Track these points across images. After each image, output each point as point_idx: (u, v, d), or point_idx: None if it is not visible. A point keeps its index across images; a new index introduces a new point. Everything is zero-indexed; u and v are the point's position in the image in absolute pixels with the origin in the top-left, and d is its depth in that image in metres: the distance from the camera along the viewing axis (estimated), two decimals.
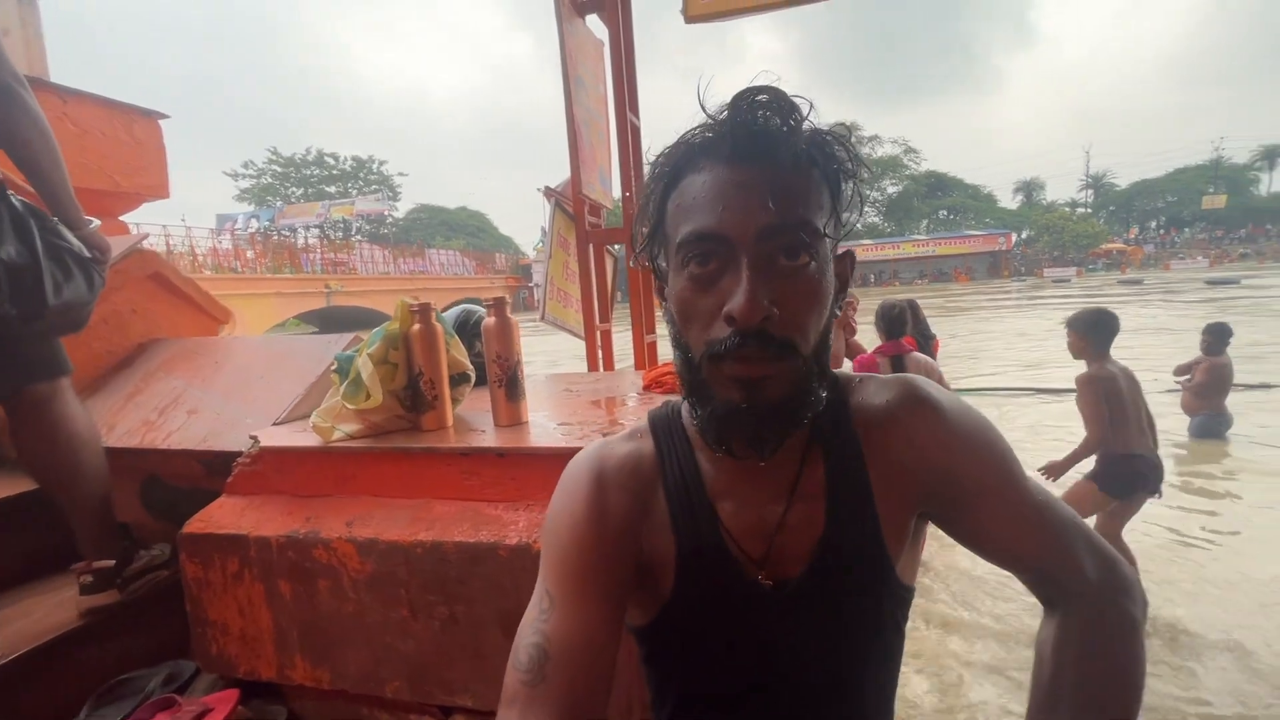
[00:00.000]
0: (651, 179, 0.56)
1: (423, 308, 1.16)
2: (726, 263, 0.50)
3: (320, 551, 1.08)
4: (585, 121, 2.84)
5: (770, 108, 0.50)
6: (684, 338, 0.54)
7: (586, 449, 0.66)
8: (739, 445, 0.54)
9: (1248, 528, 3.42)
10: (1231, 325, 4.94)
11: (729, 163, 0.50)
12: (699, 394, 0.54)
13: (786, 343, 0.50)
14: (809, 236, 0.50)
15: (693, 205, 0.51)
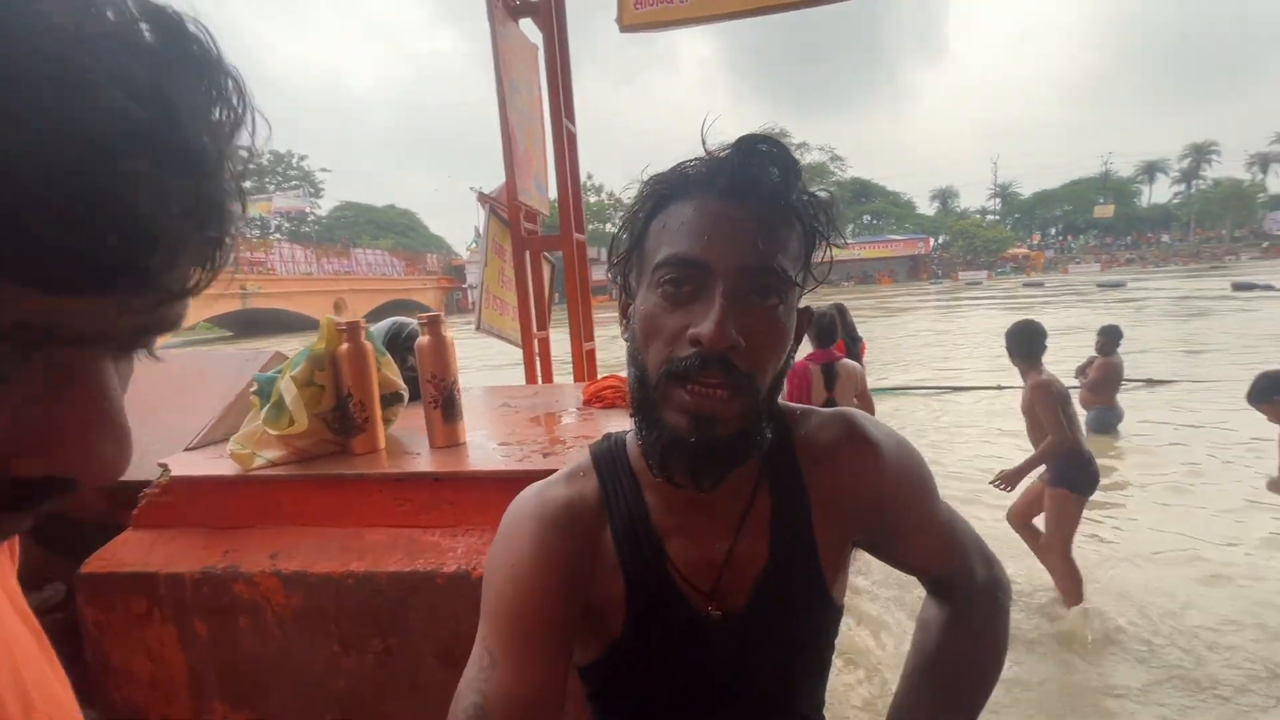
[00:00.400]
0: (639, 197, 0.57)
1: (351, 326, 1.11)
2: (700, 289, 0.52)
3: (241, 587, 1.02)
4: (520, 127, 2.80)
5: (770, 156, 0.53)
6: (642, 355, 0.55)
7: (526, 493, 0.64)
8: (680, 475, 0.55)
9: (1141, 509, 3.83)
10: (1120, 326, 5.43)
11: (721, 197, 0.52)
12: (647, 414, 0.55)
13: (746, 376, 0.51)
14: (782, 281, 0.52)
15: (679, 230, 0.53)
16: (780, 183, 0.53)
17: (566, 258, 2.83)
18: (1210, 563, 3.10)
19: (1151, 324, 13.20)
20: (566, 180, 2.84)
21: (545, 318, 3.14)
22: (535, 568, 0.58)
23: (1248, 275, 25.56)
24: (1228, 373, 7.58)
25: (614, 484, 0.62)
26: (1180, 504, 3.90)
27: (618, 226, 0.61)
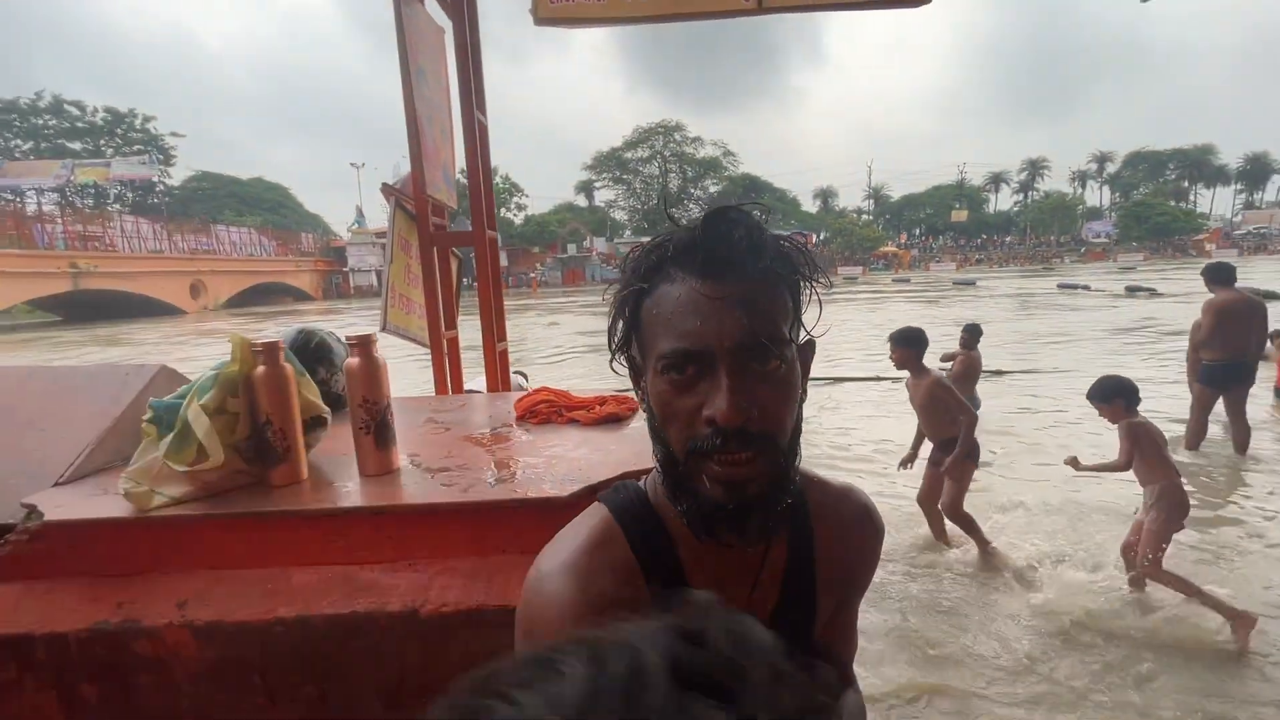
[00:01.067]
0: (626, 282, 0.58)
1: (268, 347, 1.01)
2: (703, 369, 0.54)
3: (142, 644, 0.90)
4: (428, 116, 2.65)
5: (739, 226, 0.54)
6: (664, 435, 0.57)
7: (548, 566, 0.60)
8: (726, 536, 0.57)
9: (993, 480, 4.50)
10: (980, 325, 6.16)
11: (701, 277, 0.54)
12: (683, 488, 0.57)
13: (765, 437, 0.54)
14: (777, 345, 0.54)
15: (670, 317, 0.54)
16: (753, 251, 0.54)
17: (479, 256, 2.73)
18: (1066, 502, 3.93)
19: (998, 320, 14.93)
20: (479, 175, 2.73)
21: (454, 317, 3.01)
22: None
23: (1070, 277, 29.58)
24: (1058, 362, 8.88)
25: (645, 543, 0.62)
26: (1035, 467, 4.68)
27: (611, 311, 0.61)
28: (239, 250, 41.41)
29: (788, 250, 0.57)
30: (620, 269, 0.60)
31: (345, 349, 1.58)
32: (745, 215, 0.54)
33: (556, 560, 0.60)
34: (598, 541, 0.61)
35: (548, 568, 0.60)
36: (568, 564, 0.59)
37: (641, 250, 0.58)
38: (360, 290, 44.33)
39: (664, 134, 64.62)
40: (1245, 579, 3.08)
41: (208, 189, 58.86)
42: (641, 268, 0.57)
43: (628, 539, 0.62)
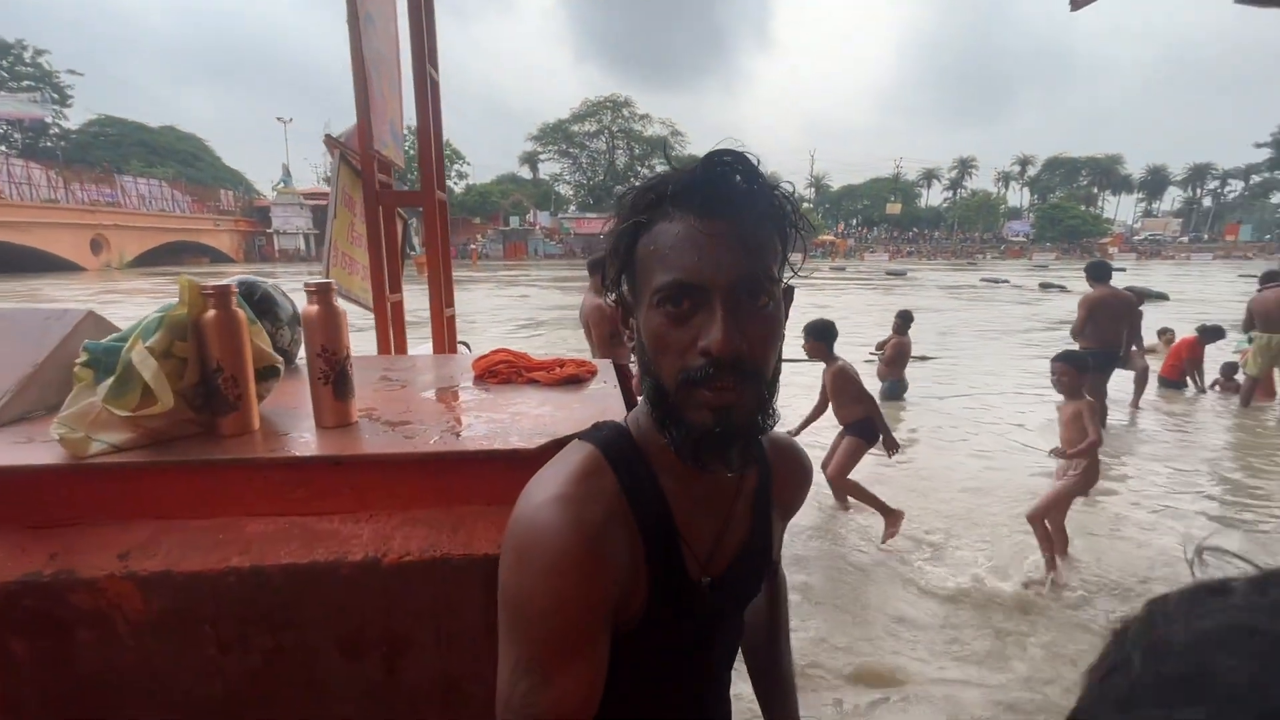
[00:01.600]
0: (622, 220, 0.60)
1: (220, 290, 0.96)
2: (699, 304, 0.57)
3: (80, 596, 0.86)
4: (375, 66, 2.53)
5: (738, 169, 0.57)
6: (655, 366, 0.60)
7: (541, 500, 0.61)
8: (712, 461, 0.60)
9: (920, 455, 4.83)
10: (912, 311, 6.51)
11: (700, 215, 0.56)
12: (672, 417, 0.60)
13: (754, 369, 0.58)
14: (768, 282, 0.58)
15: (669, 253, 0.57)
16: (750, 194, 0.58)
17: (428, 217, 2.64)
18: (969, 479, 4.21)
19: (927, 309, 15.72)
20: (429, 132, 2.63)
21: (399, 279, 2.92)
22: (588, 579, 0.57)
23: (992, 272, 31.44)
24: (976, 349, 9.51)
25: (632, 477, 0.64)
26: (948, 447, 5.00)
27: (607, 245, 0.64)
28: (148, 204, 38.17)
29: (780, 196, 0.59)
30: (615, 208, 0.62)
31: (291, 304, 1.52)
32: (744, 158, 0.57)
33: (547, 492, 0.61)
34: (586, 471, 0.63)
35: (540, 498, 0.61)
36: (560, 495, 0.60)
37: (638, 188, 0.60)
38: (286, 254, 41.85)
39: (612, 109, 63.70)
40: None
41: (111, 135, 53.78)
42: (639, 205, 0.59)
43: (613, 470, 0.64)
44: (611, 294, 0.66)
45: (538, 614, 0.56)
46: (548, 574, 0.56)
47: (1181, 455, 4.95)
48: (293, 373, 1.48)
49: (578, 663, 0.56)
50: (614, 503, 0.62)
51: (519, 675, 0.55)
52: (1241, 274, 30.77)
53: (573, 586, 0.57)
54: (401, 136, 2.97)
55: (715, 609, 0.69)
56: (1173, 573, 3.14)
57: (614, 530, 0.61)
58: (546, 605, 0.56)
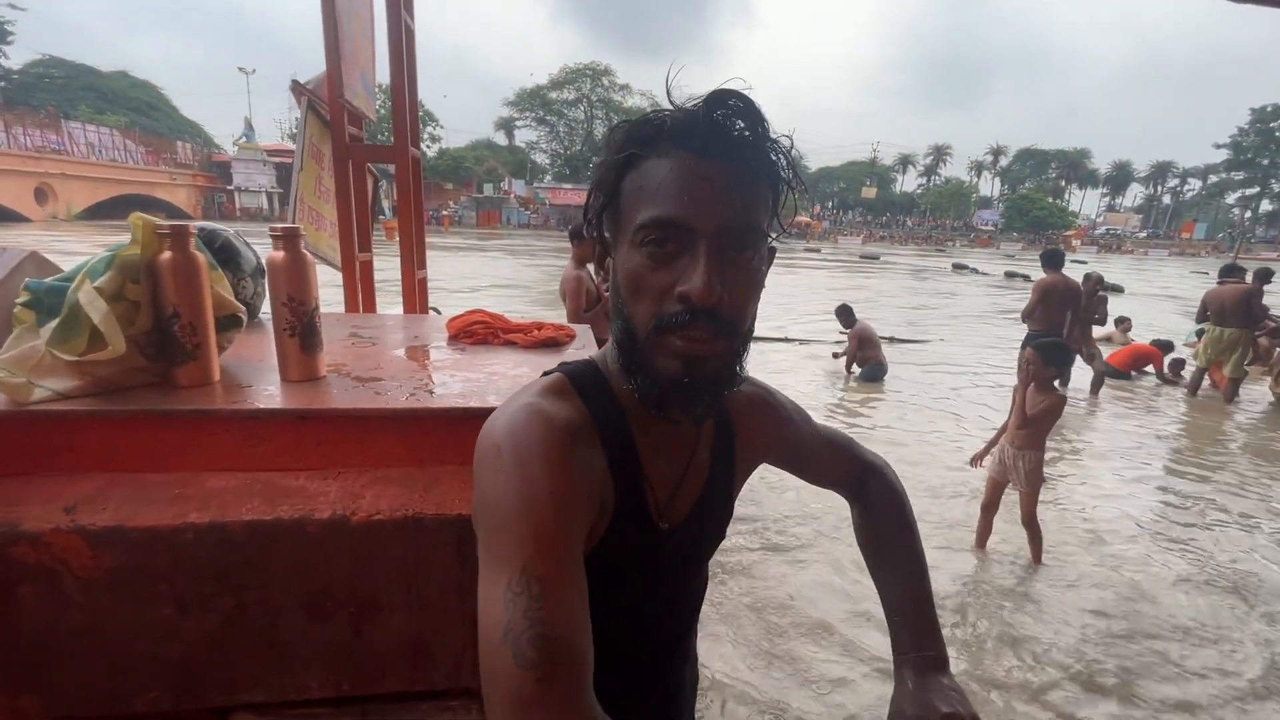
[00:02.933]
0: (611, 152, 0.57)
1: (177, 230, 0.90)
2: (683, 246, 0.54)
3: (22, 550, 0.81)
4: (346, 10, 2.39)
5: (741, 113, 0.54)
6: (628, 309, 0.57)
7: (516, 411, 0.59)
8: (676, 411, 0.59)
9: (897, 430, 4.94)
10: (851, 303, 6.79)
11: (697, 155, 0.53)
12: (640, 362, 0.58)
13: (731, 323, 0.55)
14: (756, 235, 0.55)
15: (657, 190, 0.53)
16: (751, 139, 0.55)
17: (400, 174, 2.54)
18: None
19: (901, 293, 15.98)
20: (404, 85, 2.51)
21: (368, 238, 2.81)
22: (567, 484, 0.54)
23: (962, 259, 32.07)
24: (944, 333, 9.74)
25: (600, 408, 0.63)
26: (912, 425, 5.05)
27: (593, 179, 0.60)
28: (98, 154, 36.16)
29: (780, 149, 0.57)
30: (607, 141, 0.59)
31: (255, 255, 1.45)
32: (750, 103, 0.54)
33: (519, 401, 0.59)
34: (556, 391, 0.62)
35: (513, 406, 0.59)
36: (533, 403, 0.59)
37: (635, 121, 0.57)
38: (248, 212, 40.23)
39: (591, 77, 62.35)
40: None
41: (58, 78, 50.62)
42: (635, 137, 0.56)
43: (581, 398, 0.62)
44: (593, 231, 0.63)
45: (525, 511, 0.52)
46: (531, 465, 0.53)
47: (1132, 441, 5.17)
48: (255, 327, 1.42)
49: (573, 574, 0.52)
50: (584, 423, 0.61)
51: (513, 594, 0.49)
52: (1193, 270, 32.01)
53: (558, 479, 0.54)
54: (374, 89, 2.83)
55: (673, 555, 0.69)
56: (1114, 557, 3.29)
57: (586, 441, 0.60)
58: (533, 507, 0.52)
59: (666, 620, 0.74)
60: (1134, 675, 2.39)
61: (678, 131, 0.54)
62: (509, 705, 0.46)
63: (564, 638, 0.48)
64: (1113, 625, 2.69)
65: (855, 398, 6.04)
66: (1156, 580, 3.05)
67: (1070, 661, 2.45)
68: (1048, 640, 2.56)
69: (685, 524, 0.69)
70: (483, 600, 0.52)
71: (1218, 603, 2.89)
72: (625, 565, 0.65)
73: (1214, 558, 3.30)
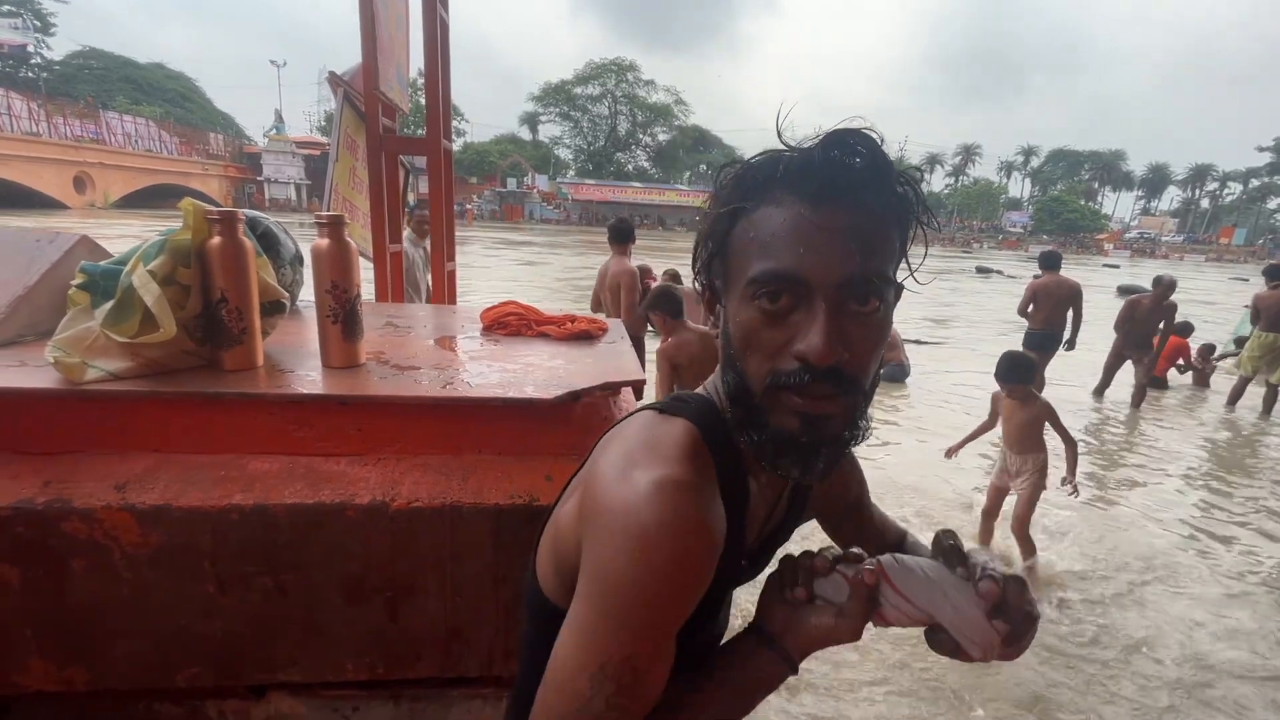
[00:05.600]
0: (721, 201, 0.54)
1: (226, 216, 0.92)
2: (799, 300, 0.50)
3: (75, 525, 0.83)
4: (383, 3, 2.42)
5: (861, 153, 0.50)
6: (741, 364, 0.54)
7: (653, 476, 0.51)
8: (794, 471, 0.54)
9: (914, 434, 4.86)
10: None
11: (814, 203, 0.49)
12: (754, 418, 0.54)
13: (853, 380, 0.52)
14: (882, 284, 0.51)
15: (771, 241, 0.50)
16: (872, 182, 0.51)
17: (432, 167, 2.56)
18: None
19: (924, 293, 15.74)
20: (437, 77, 2.53)
21: (399, 228, 2.84)
22: (698, 580, 0.50)
23: (987, 261, 31.48)
24: (967, 336, 9.60)
25: (726, 468, 0.58)
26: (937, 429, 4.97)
27: (701, 228, 0.57)
28: (134, 144, 37.08)
29: (906, 186, 0.53)
30: (715, 185, 0.56)
31: (293, 244, 1.47)
32: (870, 141, 0.50)
33: (661, 471, 0.51)
34: (693, 453, 0.55)
35: (655, 478, 0.51)
36: (678, 479, 0.51)
37: (744, 165, 0.54)
38: (276, 204, 40.97)
39: (616, 73, 62.29)
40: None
41: (96, 68, 51.95)
42: (745, 184, 0.53)
43: (712, 454, 0.56)
44: (701, 279, 0.59)
45: (650, 606, 0.48)
46: (674, 566, 0.48)
47: (1172, 452, 5.03)
48: (293, 315, 1.44)
49: (666, 656, 0.50)
50: (713, 488, 0.55)
51: (607, 677, 0.47)
52: (1232, 276, 31.03)
53: (696, 581, 0.50)
54: (406, 82, 2.86)
55: (739, 585, 0.69)
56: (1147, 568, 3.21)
57: (719, 512, 0.55)
58: (665, 600, 0.49)
59: (710, 635, 0.73)
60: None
61: (791, 177, 0.50)
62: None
63: (642, 713, 0.49)
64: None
65: (876, 399, 6.00)
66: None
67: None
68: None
69: (757, 558, 0.69)
70: (567, 658, 0.49)
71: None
72: (712, 602, 0.62)
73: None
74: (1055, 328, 5.67)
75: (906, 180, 0.52)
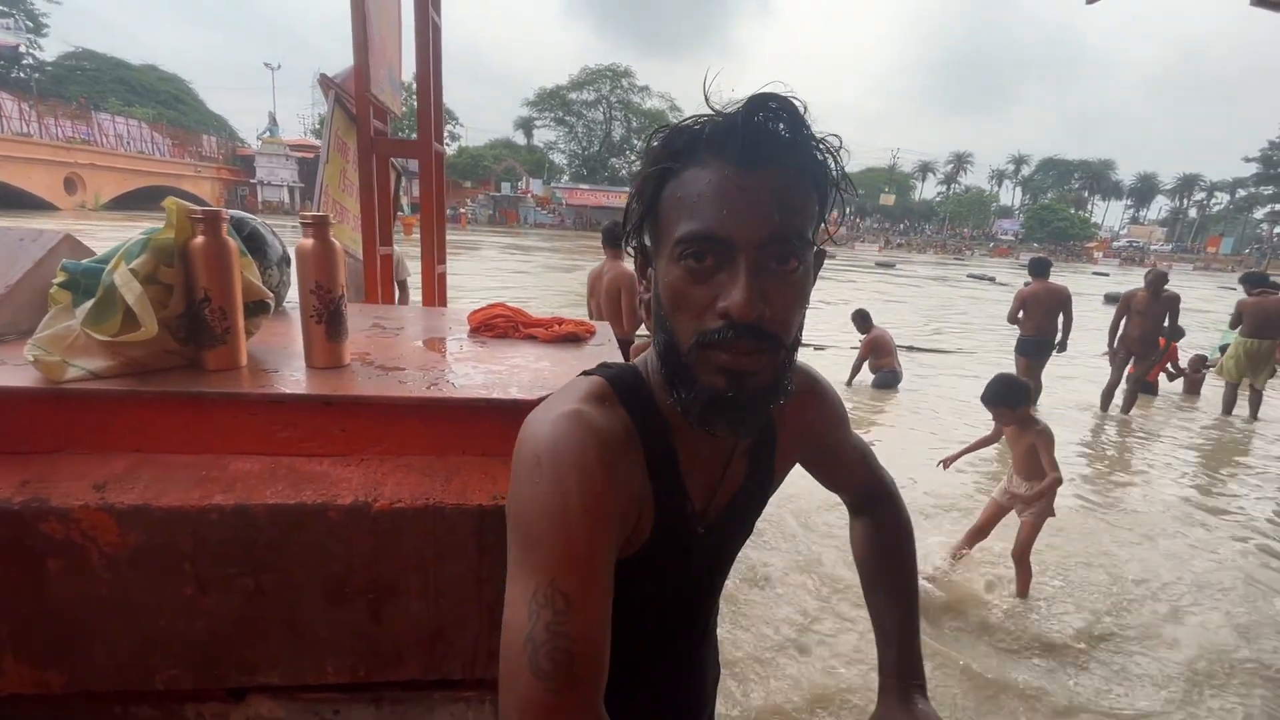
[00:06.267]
0: (649, 162, 0.55)
1: (210, 215, 0.91)
2: (722, 260, 0.53)
3: (52, 525, 0.82)
4: (375, 6, 2.42)
5: (783, 117, 0.52)
6: (670, 323, 0.56)
7: (553, 412, 0.58)
8: (721, 427, 0.57)
9: (901, 439, 4.91)
10: (867, 309, 6.74)
11: (736, 166, 0.51)
12: (682, 377, 0.56)
13: (775, 337, 0.54)
14: (801, 245, 0.54)
15: (697, 202, 0.52)
16: (792, 146, 0.53)
17: (424, 169, 2.56)
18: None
19: (914, 300, 15.84)
20: (429, 80, 2.53)
21: (390, 232, 2.84)
22: (604, 495, 0.54)
23: (979, 269, 31.71)
24: (960, 343, 9.65)
25: (643, 418, 0.61)
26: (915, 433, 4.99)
27: (632, 187, 0.59)
28: (126, 145, 36.86)
29: (825, 150, 0.55)
30: (643, 150, 0.58)
31: (280, 244, 1.47)
32: (790, 106, 0.52)
33: (561, 407, 0.58)
34: (599, 396, 0.60)
35: (555, 412, 0.57)
36: (575, 410, 0.57)
37: (671, 129, 0.55)
38: (270, 206, 40.82)
39: (611, 78, 62.47)
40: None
41: (89, 69, 51.68)
42: (672, 146, 0.55)
43: (624, 406, 0.61)
44: (632, 242, 0.62)
45: (558, 524, 0.51)
46: (568, 479, 0.53)
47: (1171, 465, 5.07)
48: (279, 315, 1.44)
49: (597, 587, 0.52)
50: (626, 430, 0.59)
51: (539, 604, 0.50)
52: (1220, 285, 31.37)
53: (593, 494, 0.53)
54: (399, 85, 2.86)
55: (705, 555, 0.69)
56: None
57: (627, 453, 0.58)
58: (567, 513, 0.52)
59: (692, 612, 0.74)
60: None
61: (715, 140, 0.52)
62: (521, 711, 0.47)
63: (582, 654, 0.48)
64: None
65: (865, 405, 6.00)
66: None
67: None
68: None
69: (718, 526, 0.69)
70: (510, 600, 0.52)
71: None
72: (661, 569, 0.65)
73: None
74: (1047, 334, 5.78)
75: (825, 146, 0.55)
